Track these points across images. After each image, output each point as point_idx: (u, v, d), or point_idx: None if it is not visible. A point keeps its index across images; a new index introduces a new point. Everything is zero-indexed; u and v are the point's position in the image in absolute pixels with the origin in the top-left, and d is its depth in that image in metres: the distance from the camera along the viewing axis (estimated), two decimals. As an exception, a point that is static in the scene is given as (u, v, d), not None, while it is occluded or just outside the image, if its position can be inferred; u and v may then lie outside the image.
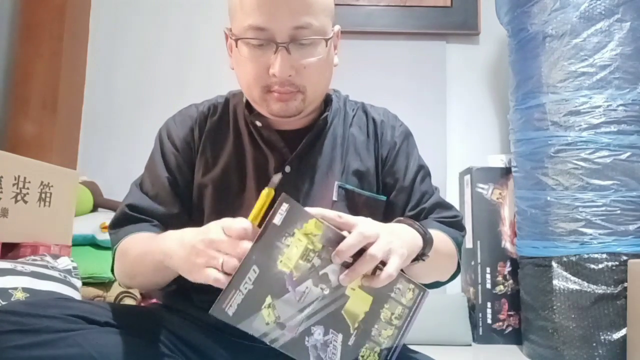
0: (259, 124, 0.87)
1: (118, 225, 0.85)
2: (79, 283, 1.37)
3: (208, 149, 0.89)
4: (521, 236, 1.78)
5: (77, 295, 1.32)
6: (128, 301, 1.54)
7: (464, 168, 2.11)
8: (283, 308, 0.61)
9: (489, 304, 1.91)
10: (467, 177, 2.04)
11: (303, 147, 0.86)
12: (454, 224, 0.91)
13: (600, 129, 1.59)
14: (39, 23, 2.10)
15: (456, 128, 2.26)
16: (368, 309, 0.65)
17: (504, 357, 1.77)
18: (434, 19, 2.28)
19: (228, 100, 0.94)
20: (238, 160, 0.87)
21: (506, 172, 1.97)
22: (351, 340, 0.64)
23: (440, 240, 0.82)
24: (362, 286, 0.64)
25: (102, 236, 1.70)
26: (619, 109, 1.59)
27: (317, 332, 0.63)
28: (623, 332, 1.50)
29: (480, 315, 1.91)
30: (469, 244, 1.98)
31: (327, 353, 0.63)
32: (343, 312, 0.63)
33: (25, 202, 1.40)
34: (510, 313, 1.90)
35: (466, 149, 2.24)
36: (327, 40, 0.81)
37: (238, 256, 0.60)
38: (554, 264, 1.60)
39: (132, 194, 0.88)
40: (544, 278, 1.63)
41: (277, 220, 0.59)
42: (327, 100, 0.91)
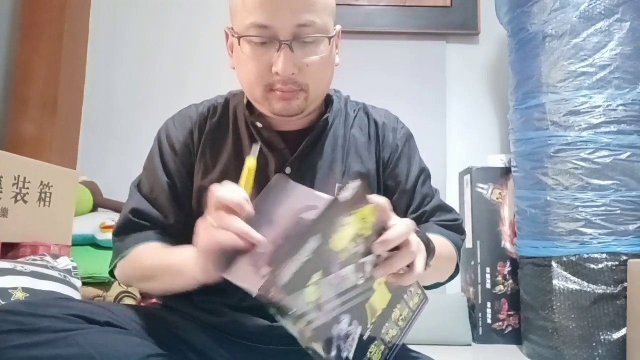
0: (259, 125, 0.86)
1: (124, 232, 0.85)
2: (79, 283, 1.37)
3: (207, 151, 0.88)
4: (521, 236, 1.78)
5: (77, 295, 1.32)
6: (128, 301, 1.54)
7: (464, 168, 2.11)
8: (326, 289, 0.57)
9: (489, 304, 1.91)
10: (467, 177, 2.04)
11: (304, 148, 0.85)
12: (455, 228, 0.91)
13: (600, 129, 1.59)
14: (39, 23, 2.10)
15: (456, 128, 2.26)
16: (386, 306, 0.65)
17: (504, 357, 1.77)
18: (434, 19, 2.28)
19: (228, 101, 0.93)
20: (238, 162, 0.86)
21: (506, 172, 1.97)
22: (366, 335, 0.63)
23: (441, 244, 0.82)
24: (387, 282, 0.64)
25: (102, 236, 1.70)
26: (619, 109, 1.59)
27: (344, 321, 0.60)
28: (623, 332, 1.50)
29: (480, 315, 1.91)
30: (469, 244, 1.98)
31: (346, 345, 0.61)
32: (367, 306, 0.63)
33: (25, 202, 1.40)
34: (510, 313, 1.90)
35: (466, 149, 2.24)
36: (330, 38, 0.81)
37: (236, 232, 0.60)
38: (554, 264, 1.60)
39: (133, 198, 0.87)
40: (544, 278, 1.63)
41: (344, 196, 0.58)
42: (328, 101, 0.91)
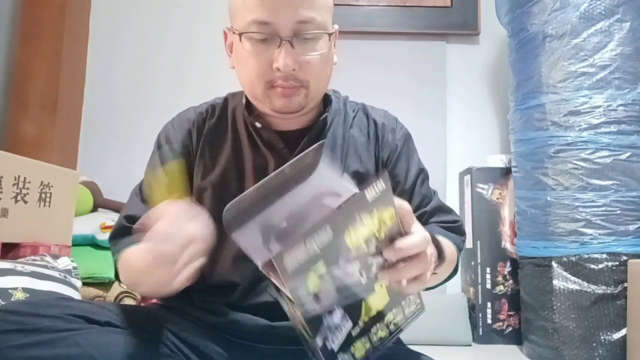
0: (258, 124, 0.86)
1: (117, 236, 0.85)
2: (79, 283, 1.37)
3: (206, 152, 0.88)
4: (521, 236, 1.78)
5: (77, 295, 1.32)
6: (128, 301, 1.54)
7: (464, 168, 2.11)
8: (328, 281, 0.58)
9: (489, 304, 1.91)
10: (467, 177, 2.04)
11: (303, 148, 0.85)
12: (455, 229, 0.91)
13: (600, 129, 1.59)
14: (39, 23, 2.10)
15: (456, 128, 2.26)
16: (382, 308, 0.64)
17: (504, 357, 1.77)
18: (434, 19, 2.28)
19: (227, 102, 0.93)
20: (237, 162, 0.87)
21: (506, 172, 1.97)
22: (354, 332, 0.63)
23: (445, 246, 0.82)
24: (388, 286, 0.64)
25: (102, 236, 1.70)
26: (619, 109, 1.59)
27: (337, 314, 0.61)
28: (623, 332, 1.50)
29: (480, 315, 1.91)
30: (469, 244, 1.98)
31: (334, 336, 0.61)
32: (363, 304, 0.62)
33: (25, 202, 1.40)
34: (510, 313, 1.90)
35: (466, 149, 2.24)
36: (329, 35, 0.82)
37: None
38: (554, 264, 1.60)
39: (130, 204, 0.88)
40: (544, 278, 1.63)
41: (370, 194, 0.57)
42: (326, 101, 0.91)
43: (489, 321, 1.90)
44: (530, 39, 1.75)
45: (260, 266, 0.57)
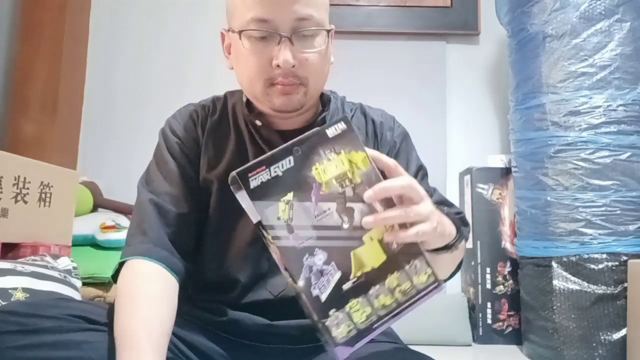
0: (258, 123, 0.87)
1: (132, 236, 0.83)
2: (79, 283, 1.37)
3: (211, 146, 0.89)
4: (521, 236, 1.78)
5: (77, 296, 1.32)
6: (128, 301, 1.54)
7: (464, 168, 2.11)
8: (299, 214, 0.59)
9: (489, 304, 1.91)
10: (467, 177, 2.04)
11: None
12: (459, 220, 0.89)
13: (600, 129, 1.59)
14: (39, 23, 2.10)
15: (456, 128, 2.26)
16: (377, 266, 0.61)
17: (504, 357, 1.77)
18: (434, 19, 2.28)
19: (226, 100, 0.94)
20: (241, 158, 0.87)
21: (506, 172, 1.97)
22: (346, 286, 0.60)
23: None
24: (381, 241, 0.61)
25: (102, 236, 1.70)
26: (619, 109, 1.59)
27: (319, 257, 0.60)
28: (623, 332, 1.50)
29: (480, 315, 1.91)
30: (469, 244, 1.98)
31: (319, 282, 0.60)
32: (351, 254, 0.61)
33: (25, 202, 1.40)
34: (510, 313, 1.90)
35: (466, 149, 2.24)
36: (327, 32, 0.83)
37: None
38: (554, 264, 1.60)
39: (143, 194, 0.86)
40: (544, 278, 1.63)
41: (330, 132, 0.60)
42: (324, 101, 0.92)
43: (489, 321, 1.90)
44: (530, 39, 1.75)
45: (254, 222, 0.59)
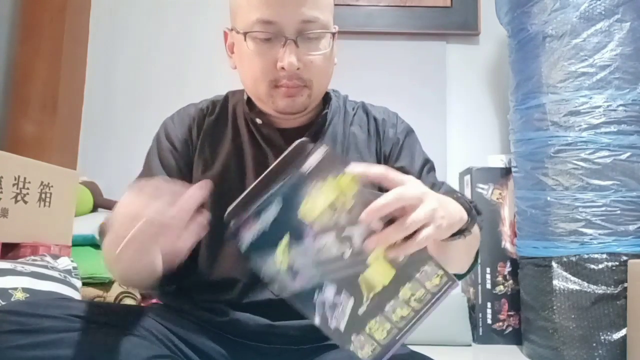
0: (259, 121, 0.87)
1: (105, 227, 0.84)
2: (79, 283, 1.37)
3: (206, 147, 0.88)
4: (521, 236, 1.78)
5: (77, 296, 1.32)
6: (128, 301, 1.54)
7: (464, 168, 2.11)
8: (298, 255, 0.58)
9: (489, 304, 1.91)
10: (467, 177, 2.04)
11: None
12: (469, 205, 0.87)
13: (600, 129, 1.59)
14: (39, 23, 2.10)
15: (456, 128, 2.26)
16: (387, 283, 0.60)
17: (504, 358, 1.77)
18: (434, 19, 2.28)
19: (227, 99, 0.94)
20: (237, 158, 0.87)
21: (506, 172, 1.97)
22: (361, 310, 0.60)
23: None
24: (386, 257, 0.59)
25: (102, 236, 1.69)
26: (619, 109, 1.59)
27: (329, 290, 0.60)
28: (623, 332, 1.50)
29: (480, 315, 1.91)
30: (469, 244, 1.98)
31: (334, 314, 0.60)
32: (360, 280, 0.60)
33: (25, 202, 1.40)
34: (510, 313, 1.90)
35: (466, 149, 2.24)
36: (332, 34, 0.83)
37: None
38: (554, 264, 1.60)
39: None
40: (544, 278, 1.63)
41: (307, 167, 0.56)
42: (326, 99, 0.92)
43: (489, 321, 1.90)
44: (530, 39, 1.75)
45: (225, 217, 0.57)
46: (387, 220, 0.58)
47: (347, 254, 0.58)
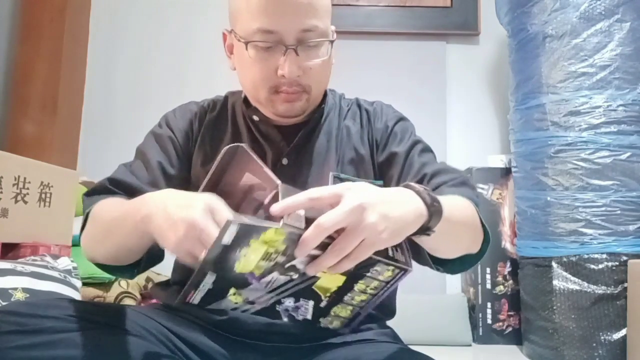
0: (256, 118, 0.89)
1: (93, 194, 0.85)
2: (78, 283, 1.37)
3: (207, 141, 0.90)
4: (521, 236, 1.78)
5: (77, 296, 1.32)
6: (128, 301, 1.54)
7: (464, 168, 2.11)
8: (250, 292, 0.63)
9: (489, 304, 1.91)
10: (467, 177, 2.04)
11: (299, 140, 0.88)
12: (458, 184, 0.85)
13: (600, 129, 1.59)
14: (39, 23, 2.10)
15: (456, 128, 2.26)
16: (341, 284, 0.64)
17: (504, 358, 1.77)
18: (434, 19, 2.28)
19: (227, 98, 0.97)
20: None
21: (506, 172, 1.97)
22: (323, 304, 0.67)
23: (455, 205, 0.74)
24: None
25: (102, 236, 1.69)
26: (619, 109, 1.59)
27: (288, 301, 0.66)
28: (623, 332, 1.50)
29: (480, 315, 1.91)
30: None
31: (299, 312, 0.68)
32: (314, 287, 0.64)
33: (25, 202, 1.40)
34: (510, 313, 1.90)
35: (466, 149, 2.24)
36: (331, 42, 0.84)
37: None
38: (554, 264, 1.60)
39: (117, 171, 0.88)
40: (544, 278, 1.63)
41: (226, 240, 0.56)
42: (322, 96, 0.93)
43: (489, 321, 1.90)
44: (530, 39, 1.75)
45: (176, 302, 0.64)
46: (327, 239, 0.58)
47: (295, 276, 0.62)
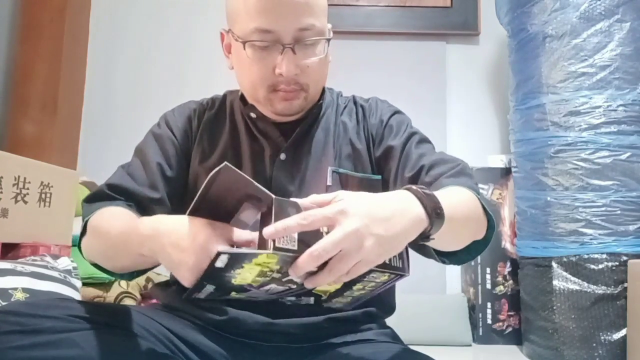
0: (254, 115, 0.90)
1: (93, 200, 0.85)
2: (78, 283, 1.37)
3: (205, 138, 0.92)
4: (521, 236, 1.78)
5: (77, 296, 1.32)
6: (128, 301, 1.54)
7: (464, 168, 2.10)
8: (251, 295, 0.66)
9: (489, 304, 1.91)
10: (467, 177, 2.04)
11: (297, 136, 0.89)
12: (456, 174, 0.82)
13: (600, 129, 1.59)
14: (39, 23, 2.10)
15: (456, 128, 2.26)
16: (339, 287, 0.66)
17: (504, 358, 1.77)
18: (434, 19, 2.28)
19: (225, 97, 0.98)
20: (234, 149, 0.90)
21: (506, 172, 1.97)
22: (323, 299, 0.70)
23: (457, 200, 0.71)
24: None
25: (102, 236, 1.69)
26: (619, 109, 1.59)
27: (290, 297, 0.71)
28: (623, 332, 1.50)
29: (480, 315, 1.91)
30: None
31: (302, 301, 0.73)
32: (313, 290, 0.65)
33: (25, 202, 1.40)
34: (510, 313, 1.90)
35: (466, 149, 2.23)
36: (327, 40, 0.85)
37: None
38: (554, 264, 1.60)
39: (115, 175, 0.89)
40: (544, 278, 1.63)
41: (219, 265, 0.58)
42: (320, 94, 0.94)
43: (489, 321, 1.90)
44: (530, 39, 1.75)
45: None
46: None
47: (294, 286, 0.63)
